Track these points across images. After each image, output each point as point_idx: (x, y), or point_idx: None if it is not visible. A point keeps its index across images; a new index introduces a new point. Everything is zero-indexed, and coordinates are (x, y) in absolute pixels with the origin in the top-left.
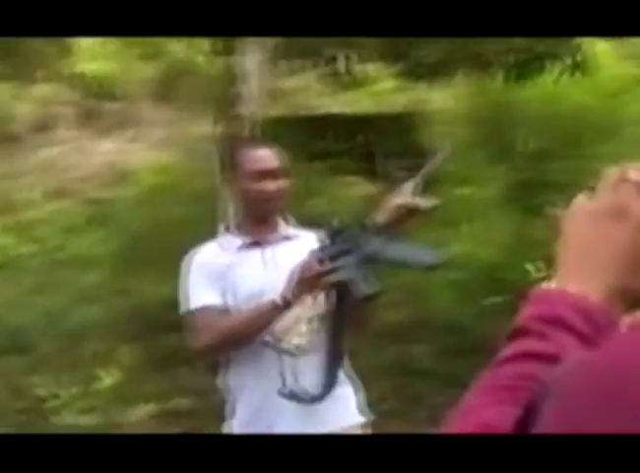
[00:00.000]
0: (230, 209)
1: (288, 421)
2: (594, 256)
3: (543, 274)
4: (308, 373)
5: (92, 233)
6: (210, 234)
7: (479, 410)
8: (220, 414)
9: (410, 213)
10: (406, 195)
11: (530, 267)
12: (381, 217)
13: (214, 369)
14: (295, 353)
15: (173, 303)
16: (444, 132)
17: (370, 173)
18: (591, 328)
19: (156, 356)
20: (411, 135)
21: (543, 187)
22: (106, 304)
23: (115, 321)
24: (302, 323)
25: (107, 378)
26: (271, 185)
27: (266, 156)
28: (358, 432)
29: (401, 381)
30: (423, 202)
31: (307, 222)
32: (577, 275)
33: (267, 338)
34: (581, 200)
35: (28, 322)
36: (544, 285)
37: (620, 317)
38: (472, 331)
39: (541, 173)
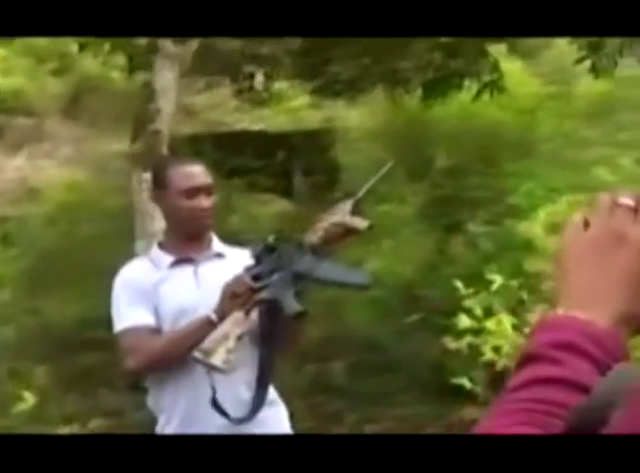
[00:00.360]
0: (158, 226)
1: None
2: (598, 284)
3: (470, 291)
4: (237, 389)
5: (1, 250)
6: (123, 251)
7: (500, 431)
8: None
9: (346, 232)
10: (343, 214)
11: (457, 284)
12: (317, 235)
13: (135, 386)
14: (224, 369)
15: (86, 321)
16: (360, 149)
17: (286, 191)
18: (602, 353)
19: (71, 376)
20: (326, 152)
21: (460, 204)
22: (17, 323)
23: (27, 341)
24: (231, 339)
25: (24, 399)
26: (204, 202)
27: (197, 172)
28: None
29: (317, 399)
30: (360, 222)
31: (225, 239)
32: (583, 303)
33: (196, 354)
34: (576, 226)
35: None
36: (551, 313)
37: (628, 343)
38: (389, 348)
39: (458, 190)
